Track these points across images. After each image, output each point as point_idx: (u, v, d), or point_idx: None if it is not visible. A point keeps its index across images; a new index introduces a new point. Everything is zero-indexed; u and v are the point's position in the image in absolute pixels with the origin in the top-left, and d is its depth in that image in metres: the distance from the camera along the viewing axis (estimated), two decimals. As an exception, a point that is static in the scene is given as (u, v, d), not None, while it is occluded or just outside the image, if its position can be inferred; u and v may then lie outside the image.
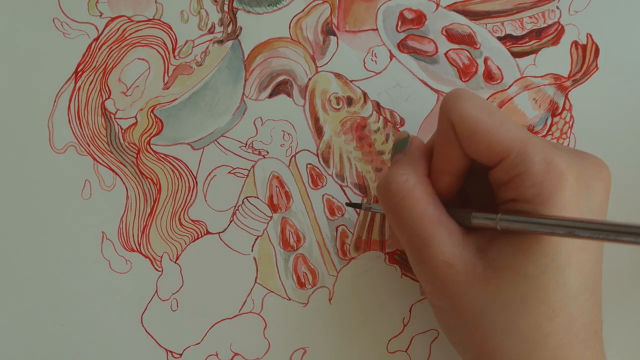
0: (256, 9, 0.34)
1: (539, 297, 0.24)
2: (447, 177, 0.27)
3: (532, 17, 0.34)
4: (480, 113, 0.25)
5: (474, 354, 0.26)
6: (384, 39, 0.34)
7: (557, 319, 0.24)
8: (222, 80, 0.33)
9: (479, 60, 0.34)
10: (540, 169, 0.24)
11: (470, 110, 0.25)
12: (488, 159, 0.25)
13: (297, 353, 0.33)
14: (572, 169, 0.24)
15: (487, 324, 0.25)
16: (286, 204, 0.33)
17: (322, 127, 0.33)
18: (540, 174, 0.24)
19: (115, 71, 0.33)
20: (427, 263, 0.26)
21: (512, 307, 0.24)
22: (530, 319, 0.24)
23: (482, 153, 0.25)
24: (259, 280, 0.33)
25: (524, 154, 0.24)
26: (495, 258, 0.25)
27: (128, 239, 0.33)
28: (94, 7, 0.33)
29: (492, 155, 0.25)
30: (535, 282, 0.24)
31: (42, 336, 0.33)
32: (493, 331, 0.25)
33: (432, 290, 0.26)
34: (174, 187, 0.33)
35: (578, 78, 0.34)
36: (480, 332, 0.25)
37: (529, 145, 0.24)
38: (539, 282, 0.24)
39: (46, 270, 0.33)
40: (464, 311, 0.25)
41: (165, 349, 0.33)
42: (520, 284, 0.24)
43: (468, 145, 0.25)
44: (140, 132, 0.33)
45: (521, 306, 0.24)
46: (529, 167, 0.24)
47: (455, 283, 0.25)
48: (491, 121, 0.25)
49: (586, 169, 0.25)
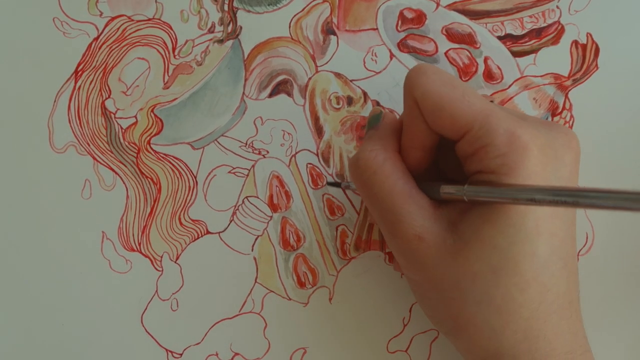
0: (256, 8, 0.34)
1: (509, 267, 0.24)
2: (416, 152, 0.27)
3: (532, 16, 0.34)
4: (442, 88, 0.25)
5: (450, 327, 0.26)
6: (384, 38, 0.34)
7: (529, 290, 0.24)
8: (222, 79, 0.33)
9: (479, 60, 0.34)
10: (503, 140, 0.24)
11: (432, 85, 0.25)
12: (452, 133, 0.25)
13: (297, 353, 0.33)
14: (537, 139, 0.24)
15: (460, 296, 0.25)
16: (286, 204, 0.33)
17: (322, 126, 0.33)
18: (503, 144, 0.24)
19: (116, 71, 0.33)
20: (399, 237, 0.26)
21: (483, 278, 0.24)
22: (502, 290, 0.24)
23: (446, 127, 0.25)
24: (259, 280, 0.33)
25: (486, 125, 0.24)
26: (465, 230, 0.25)
27: (128, 239, 0.33)
28: (94, 6, 0.33)
29: (456, 129, 0.25)
30: (504, 253, 0.24)
31: (42, 336, 0.33)
32: (466, 303, 0.25)
33: (405, 264, 0.27)
34: (174, 187, 0.33)
35: (578, 77, 0.34)
36: (454, 304, 0.25)
37: (491, 117, 0.24)
38: (509, 253, 0.24)
39: (46, 270, 0.33)
40: (437, 284, 0.25)
41: (165, 349, 0.33)
42: (490, 255, 0.24)
43: (432, 120, 0.26)
44: (141, 131, 0.33)
45: (492, 277, 0.24)
46: (492, 139, 0.24)
47: (427, 256, 0.25)
48: (453, 95, 0.25)
49: (555, 139, 0.25)
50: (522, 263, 0.24)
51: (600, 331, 0.33)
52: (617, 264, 0.33)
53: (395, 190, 0.26)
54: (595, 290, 0.33)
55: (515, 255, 0.24)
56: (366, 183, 0.27)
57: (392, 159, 0.27)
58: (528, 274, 0.24)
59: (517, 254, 0.24)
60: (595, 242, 0.33)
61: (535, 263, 0.24)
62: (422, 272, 0.26)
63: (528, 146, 0.24)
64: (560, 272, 0.25)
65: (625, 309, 0.33)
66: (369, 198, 0.27)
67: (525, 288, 0.24)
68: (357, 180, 0.27)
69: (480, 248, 0.24)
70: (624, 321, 0.33)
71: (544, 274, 0.24)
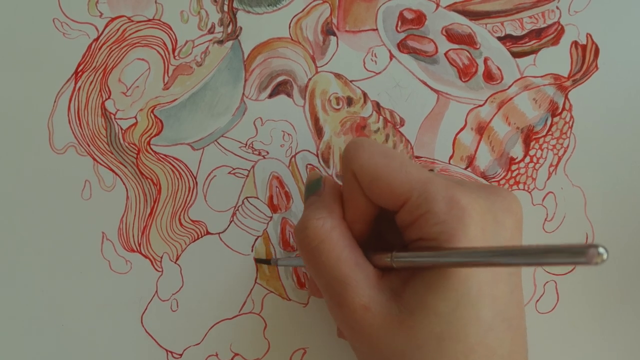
0: (256, 9, 0.34)
1: (453, 333, 0.24)
2: (357, 225, 0.27)
3: (532, 17, 0.34)
4: (379, 160, 0.25)
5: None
6: (383, 39, 0.34)
7: (474, 355, 0.24)
8: (222, 80, 0.33)
9: (479, 61, 0.34)
10: (442, 207, 0.24)
11: (369, 158, 0.25)
12: (392, 204, 0.25)
13: (297, 353, 0.33)
14: (476, 204, 0.24)
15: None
16: (286, 205, 0.33)
17: (322, 127, 0.33)
18: (442, 212, 0.24)
19: (115, 71, 0.33)
20: (344, 306, 0.25)
21: (428, 347, 0.24)
22: (447, 358, 0.24)
23: (385, 198, 0.25)
24: (259, 280, 0.33)
25: (425, 193, 0.24)
26: (409, 299, 0.24)
27: (128, 240, 0.33)
28: (94, 7, 0.33)
29: (394, 199, 0.25)
30: (448, 319, 0.24)
31: (42, 336, 0.33)
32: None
33: (351, 333, 0.26)
34: (174, 188, 0.33)
35: (578, 78, 0.34)
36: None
37: (429, 185, 0.24)
38: (452, 319, 0.23)
39: (46, 271, 0.33)
40: (383, 354, 0.25)
41: (165, 349, 0.33)
42: (434, 323, 0.24)
43: (371, 192, 0.26)
44: (140, 132, 0.33)
45: (437, 345, 0.24)
46: (431, 206, 0.24)
47: (373, 326, 0.25)
48: (391, 166, 0.25)
49: (494, 203, 0.25)
50: (466, 328, 0.24)
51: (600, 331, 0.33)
52: (617, 264, 0.33)
53: (342, 258, 0.25)
54: (595, 291, 0.33)
55: (459, 320, 0.24)
56: (313, 252, 0.26)
57: (339, 227, 0.26)
58: (472, 338, 0.24)
59: (460, 319, 0.23)
60: (595, 242, 0.33)
61: (479, 327, 0.24)
62: (367, 342, 0.25)
63: (467, 212, 0.24)
64: (504, 334, 0.24)
65: (626, 309, 0.33)
66: (315, 267, 0.26)
67: (470, 353, 0.24)
68: (303, 248, 0.27)
69: (425, 316, 0.24)
70: (624, 321, 0.33)
71: (488, 337, 0.24)
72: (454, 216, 0.24)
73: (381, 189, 0.25)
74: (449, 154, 0.34)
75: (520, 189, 0.34)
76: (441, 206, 0.24)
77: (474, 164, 0.34)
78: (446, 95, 0.34)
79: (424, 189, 0.24)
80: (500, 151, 0.34)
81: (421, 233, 0.24)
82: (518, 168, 0.34)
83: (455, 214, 0.24)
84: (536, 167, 0.34)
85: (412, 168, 0.25)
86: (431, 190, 0.24)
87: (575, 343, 0.33)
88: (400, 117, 0.34)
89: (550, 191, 0.34)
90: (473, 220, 0.24)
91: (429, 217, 0.24)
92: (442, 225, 0.24)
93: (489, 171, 0.34)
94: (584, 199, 0.33)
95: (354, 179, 0.26)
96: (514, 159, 0.34)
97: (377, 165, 0.25)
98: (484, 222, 0.24)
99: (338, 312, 0.26)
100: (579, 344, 0.33)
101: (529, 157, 0.34)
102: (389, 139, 0.33)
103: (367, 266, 0.26)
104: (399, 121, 0.34)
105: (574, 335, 0.33)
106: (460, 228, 0.23)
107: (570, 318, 0.33)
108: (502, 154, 0.34)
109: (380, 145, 0.26)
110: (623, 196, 0.33)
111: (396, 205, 0.25)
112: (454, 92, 0.34)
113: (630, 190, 0.33)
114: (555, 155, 0.34)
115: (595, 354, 0.33)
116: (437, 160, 0.34)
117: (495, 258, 0.20)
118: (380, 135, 0.33)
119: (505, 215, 0.25)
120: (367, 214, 0.27)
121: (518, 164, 0.34)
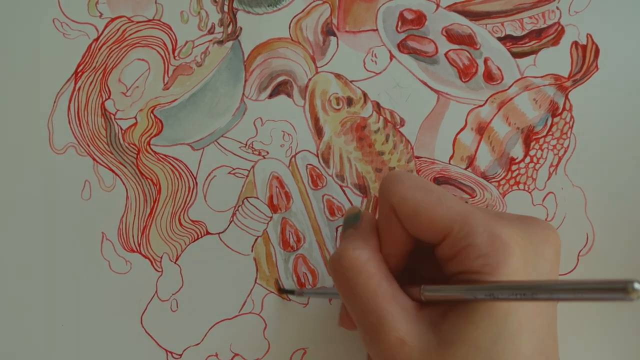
0: (256, 9, 0.34)
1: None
2: (394, 259, 0.27)
3: (532, 17, 0.34)
4: (418, 193, 0.25)
5: None
6: (384, 39, 0.34)
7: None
8: (222, 80, 0.33)
9: (479, 61, 0.34)
10: (484, 241, 0.24)
11: (408, 191, 0.25)
12: (432, 237, 0.25)
13: (297, 353, 0.33)
14: (517, 237, 0.24)
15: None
16: (286, 205, 0.33)
17: (322, 127, 0.33)
18: (484, 245, 0.24)
19: (115, 72, 0.33)
20: (381, 340, 0.25)
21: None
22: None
23: (426, 232, 0.25)
24: (259, 280, 0.33)
25: (466, 226, 0.24)
26: (448, 332, 0.24)
27: (128, 240, 0.33)
28: (94, 7, 0.33)
29: (435, 233, 0.25)
30: (489, 353, 0.23)
31: (41, 336, 0.33)
32: None
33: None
34: (173, 188, 0.33)
35: (578, 78, 0.34)
36: None
37: (470, 218, 0.24)
38: (493, 353, 0.23)
39: (46, 271, 0.33)
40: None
41: (165, 350, 0.33)
42: (474, 357, 0.24)
43: (411, 226, 0.26)
44: (140, 132, 0.33)
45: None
46: (473, 240, 0.24)
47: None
48: (430, 199, 0.25)
49: (534, 235, 0.25)
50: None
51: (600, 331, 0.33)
52: (617, 264, 0.33)
53: (379, 291, 0.25)
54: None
55: (499, 354, 0.23)
56: (349, 282, 0.26)
57: (376, 259, 0.26)
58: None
59: (501, 354, 0.23)
60: (595, 242, 0.33)
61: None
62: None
63: (509, 244, 0.24)
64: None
65: (626, 309, 0.33)
66: (351, 299, 0.26)
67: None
68: (339, 278, 0.27)
69: (464, 349, 0.24)
70: (624, 321, 0.33)
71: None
72: (496, 249, 0.24)
73: (422, 222, 0.25)
74: (449, 154, 0.34)
75: (520, 189, 0.34)
76: (483, 239, 0.24)
77: (474, 164, 0.34)
78: (446, 96, 0.34)
79: (465, 222, 0.24)
80: (500, 151, 0.34)
81: (463, 266, 0.24)
82: (518, 168, 0.34)
83: (497, 247, 0.24)
84: (536, 168, 0.34)
85: (451, 201, 0.25)
86: (472, 224, 0.24)
87: (575, 343, 0.33)
88: (400, 117, 0.34)
89: (551, 191, 0.34)
90: (515, 253, 0.24)
91: (471, 250, 0.24)
92: (485, 258, 0.24)
93: (489, 171, 0.34)
94: (584, 199, 0.33)
95: (392, 213, 0.26)
96: (514, 159, 0.34)
97: (416, 198, 0.25)
98: (525, 255, 0.24)
99: (373, 346, 0.25)
100: (579, 344, 0.33)
101: (529, 157, 0.34)
102: (389, 139, 0.33)
103: (404, 299, 0.26)
104: (399, 121, 0.34)
105: (574, 335, 0.33)
106: (503, 261, 0.24)
107: (570, 318, 0.33)
108: (502, 154, 0.34)
109: (418, 178, 0.26)
110: (623, 196, 0.33)
111: (436, 239, 0.25)
112: (454, 93, 0.34)
113: (630, 190, 0.33)
114: (555, 155, 0.34)
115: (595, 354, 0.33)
116: (437, 160, 0.34)
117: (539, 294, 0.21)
118: (380, 136, 0.33)
119: (545, 246, 0.26)
120: (404, 247, 0.27)
121: (518, 164, 0.34)
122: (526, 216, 0.27)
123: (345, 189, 0.33)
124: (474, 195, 0.33)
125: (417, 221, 0.25)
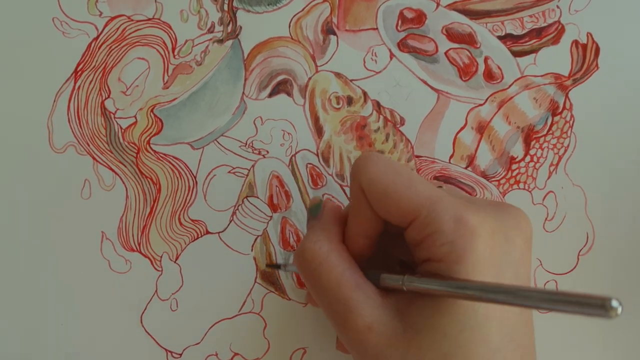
0: (256, 8, 0.34)
1: (460, 355, 0.23)
2: (362, 240, 0.27)
3: (533, 16, 0.34)
4: (388, 176, 0.25)
5: None
6: (384, 38, 0.34)
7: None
8: (222, 79, 0.33)
9: (479, 60, 0.34)
10: (450, 227, 0.24)
11: (378, 173, 0.25)
12: (400, 220, 0.25)
13: (297, 353, 0.33)
14: (485, 223, 0.24)
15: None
16: (286, 204, 0.33)
17: (322, 126, 0.33)
18: (450, 231, 0.24)
19: (115, 70, 0.33)
20: (348, 328, 0.25)
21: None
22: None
23: (393, 215, 0.25)
24: (259, 280, 0.33)
25: (433, 212, 0.24)
26: (416, 319, 0.24)
27: (128, 239, 0.33)
28: (94, 6, 0.33)
29: (403, 216, 0.25)
30: (455, 340, 0.23)
31: (41, 336, 0.32)
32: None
33: (356, 354, 0.26)
34: (173, 187, 0.33)
35: (578, 77, 0.34)
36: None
37: (438, 204, 0.24)
38: (460, 340, 0.23)
39: (46, 270, 0.33)
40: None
41: (165, 349, 0.33)
42: (441, 344, 0.24)
43: (379, 208, 0.26)
44: (140, 131, 0.33)
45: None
46: (439, 226, 0.24)
47: (377, 346, 0.25)
48: (400, 182, 0.25)
49: (504, 222, 0.25)
50: (473, 349, 0.23)
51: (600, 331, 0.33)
52: (617, 263, 0.33)
53: (342, 280, 0.25)
54: (595, 291, 0.33)
55: (466, 342, 0.23)
56: (313, 274, 0.26)
57: (337, 250, 0.26)
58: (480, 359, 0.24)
59: (468, 341, 0.23)
60: (595, 242, 0.33)
61: (487, 348, 0.24)
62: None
63: (476, 231, 0.24)
64: (513, 354, 0.24)
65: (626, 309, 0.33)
66: (316, 289, 0.26)
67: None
68: (303, 271, 0.27)
69: (432, 336, 0.24)
70: (624, 321, 0.33)
71: (495, 358, 0.24)
72: (461, 236, 0.24)
73: (389, 205, 0.25)
74: (449, 153, 0.34)
75: (520, 188, 0.34)
76: (449, 225, 0.24)
77: (474, 163, 0.34)
78: (446, 95, 0.34)
79: (432, 208, 0.24)
80: (500, 150, 0.34)
81: (429, 253, 0.24)
82: (518, 167, 0.34)
83: (463, 233, 0.24)
84: (536, 167, 0.34)
85: (421, 186, 0.25)
86: (439, 210, 0.24)
87: (575, 343, 0.33)
88: (400, 116, 0.34)
89: (551, 190, 0.33)
90: (482, 240, 0.24)
91: (437, 237, 0.24)
92: (450, 245, 0.24)
93: (489, 170, 0.34)
94: (584, 198, 0.33)
95: (361, 193, 0.26)
96: (515, 158, 0.34)
97: (385, 180, 0.25)
98: (493, 242, 0.24)
99: (343, 334, 0.26)
100: (579, 344, 0.33)
101: (529, 156, 0.34)
102: (389, 138, 0.33)
103: (368, 286, 0.26)
104: (399, 120, 0.34)
105: (574, 335, 0.33)
106: (468, 248, 0.23)
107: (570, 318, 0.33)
108: (502, 153, 0.34)
109: (391, 160, 0.26)
110: (623, 195, 0.33)
111: (403, 222, 0.25)
112: (454, 91, 0.34)
113: (630, 189, 0.33)
114: (555, 154, 0.34)
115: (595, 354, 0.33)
116: (437, 159, 0.34)
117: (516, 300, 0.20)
118: (380, 135, 0.33)
119: (515, 233, 0.25)
120: (372, 228, 0.27)
121: (518, 163, 0.34)
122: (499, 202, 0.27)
123: (345, 188, 0.33)
124: (474, 194, 0.33)
125: (385, 203, 0.25)
